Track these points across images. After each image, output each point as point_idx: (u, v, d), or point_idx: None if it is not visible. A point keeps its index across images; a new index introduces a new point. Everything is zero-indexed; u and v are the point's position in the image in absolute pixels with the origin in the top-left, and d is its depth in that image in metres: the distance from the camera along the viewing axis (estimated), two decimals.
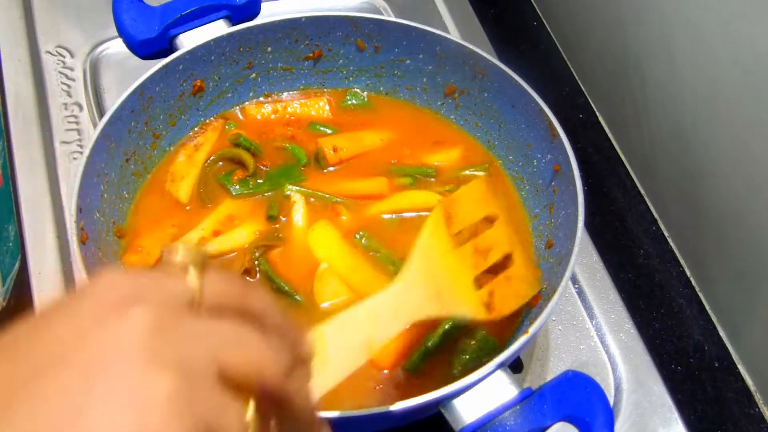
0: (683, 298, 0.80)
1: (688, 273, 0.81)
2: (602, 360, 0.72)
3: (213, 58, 0.72)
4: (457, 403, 0.54)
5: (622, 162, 0.88)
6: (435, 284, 0.55)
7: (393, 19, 0.75)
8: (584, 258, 0.77)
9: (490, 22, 0.96)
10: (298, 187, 0.70)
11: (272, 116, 0.76)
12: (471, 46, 0.72)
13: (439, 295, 0.55)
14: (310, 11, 0.74)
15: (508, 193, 0.72)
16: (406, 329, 0.54)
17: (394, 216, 0.70)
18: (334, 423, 0.55)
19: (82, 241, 0.60)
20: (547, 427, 0.52)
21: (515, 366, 0.72)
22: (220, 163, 0.72)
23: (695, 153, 0.76)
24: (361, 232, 0.68)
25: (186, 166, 0.72)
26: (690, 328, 0.78)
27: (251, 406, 0.34)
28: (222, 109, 0.75)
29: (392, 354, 0.62)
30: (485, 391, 0.54)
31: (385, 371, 0.61)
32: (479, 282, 0.59)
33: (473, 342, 0.61)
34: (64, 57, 0.87)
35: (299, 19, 0.73)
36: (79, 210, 0.61)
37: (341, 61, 0.76)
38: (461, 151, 0.74)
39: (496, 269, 0.60)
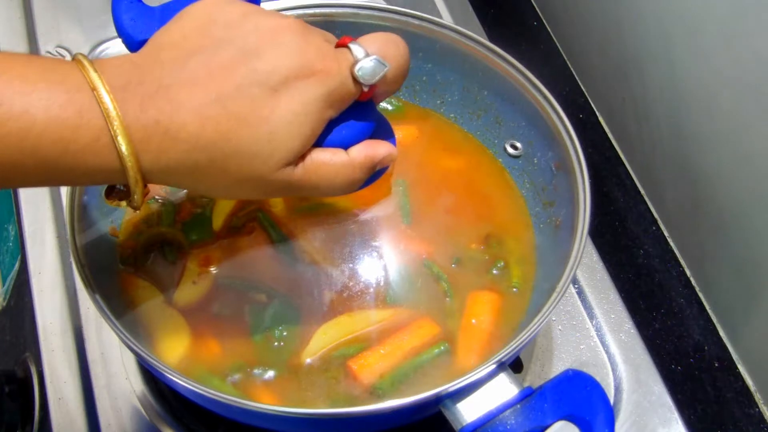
0: (683, 298, 0.80)
1: (688, 273, 0.81)
2: (602, 360, 0.72)
3: None
4: (457, 402, 0.54)
5: (622, 162, 0.88)
6: None
7: (393, 16, 0.75)
8: (584, 258, 0.77)
9: (490, 22, 0.96)
10: None
11: None
12: (471, 45, 0.71)
13: None
14: (308, 10, 0.74)
15: (509, 192, 0.72)
16: None
17: None
18: (335, 423, 0.55)
19: (81, 241, 0.60)
20: (548, 426, 0.52)
21: (515, 366, 0.72)
22: None
23: (695, 153, 0.76)
24: None
25: None
26: (690, 328, 0.78)
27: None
28: None
29: (372, 370, 0.62)
30: (486, 390, 0.54)
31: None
32: None
33: None
34: (64, 57, 0.87)
35: (298, 17, 0.73)
36: (78, 208, 0.61)
37: None
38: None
39: None
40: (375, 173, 0.59)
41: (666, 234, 0.83)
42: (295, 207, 0.69)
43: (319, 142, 0.53)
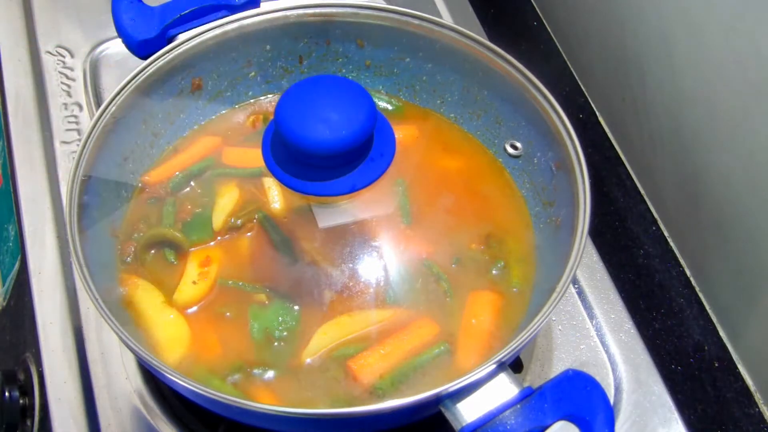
0: (683, 298, 0.80)
1: (688, 273, 0.81)
2: (602, 360, 0.72)
3: (211, 56, 0.72)
4: (457, 402, 0.54)
5: (622, 162, 0.88)
6: None
7: (393, 16, 0.75)
8: (584, 258, 0.77)
9: (490, 22, 0.96)
10: None
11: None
12: (471, 45, 0.72)
13: None
14: (308, 9, 0.74)
15: (509, 192, 0.72)
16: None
17: None
18: (335, 423, 0.55)
19: (81, 241, 0.60)
20: (548, 426, 0.52)
21: (515, 366, 0.72)
22: None
23: (695, 153, 0.76)
24: None
25: None
26: (690, 328, 0.78)
27: None
28: (222, 108, 0.75)
29: (372, 370, 0.62)
30: (486, 390, 0.54)
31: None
32: None
33: None
34: (64, 57, 0.87)
35: (298, 16, 0.73)
36: (78, 208, 0.61)
37: (340, 60, 0.76)
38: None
39: None
40: (374, 174, 0.59)
41: (666, 234, 0.83)
42: (295, 207, 0.69)
43: (318, 135, 0.53)
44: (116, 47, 0.87)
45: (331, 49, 0.75)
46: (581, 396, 0.53)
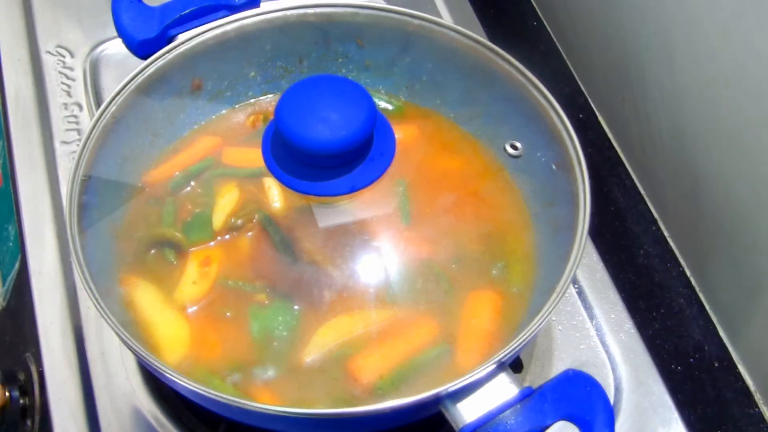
0: (683, 298, 0.80)
1: (688, 273, 0.81)
2: (602, 360, 0.72)
3: (211, 56, 0.72)
4: (457, 402, 0.54)
5: (622, 162, 0.88)
6: None
7: (393, 16, 0.75)
8: (584, 258, 0.77)
9: (490, 22, 0.96)
10: None
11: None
12: (471, 44, 0.71)
13: None
14: (309, 9, 0.74)
15: (509, 191, 0.72)
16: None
17: None
18: (335, 423, 0.55)
19: (81, 241, 0.60)
20: (548, 426, 0.52)
21: (515, 366, 0.72)
22: None
23: (695, 153, 0.76)
24: None
25: None
26: (690, 328, 0.78)
27: None
28: (221, 108, 0.75)
29: (372, 370, 0.62)
30: (486, 390, 0.54)
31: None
32: None
33: None
34: (64, 57, 0.87)
35: (298, 16, 0.73)
36: (78, 208, 0.61)
37: (340, 60, 0.76)
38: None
39: None
40: (374, 174, 0.59)
41: (666, 234, 0.83)
42: (295, 207, 0.69)
43: (318, 135, 0.53)
44: (116, 47, 0.87)
45: (331, 49, 0.75)
46: (581, 396, 0.53)
